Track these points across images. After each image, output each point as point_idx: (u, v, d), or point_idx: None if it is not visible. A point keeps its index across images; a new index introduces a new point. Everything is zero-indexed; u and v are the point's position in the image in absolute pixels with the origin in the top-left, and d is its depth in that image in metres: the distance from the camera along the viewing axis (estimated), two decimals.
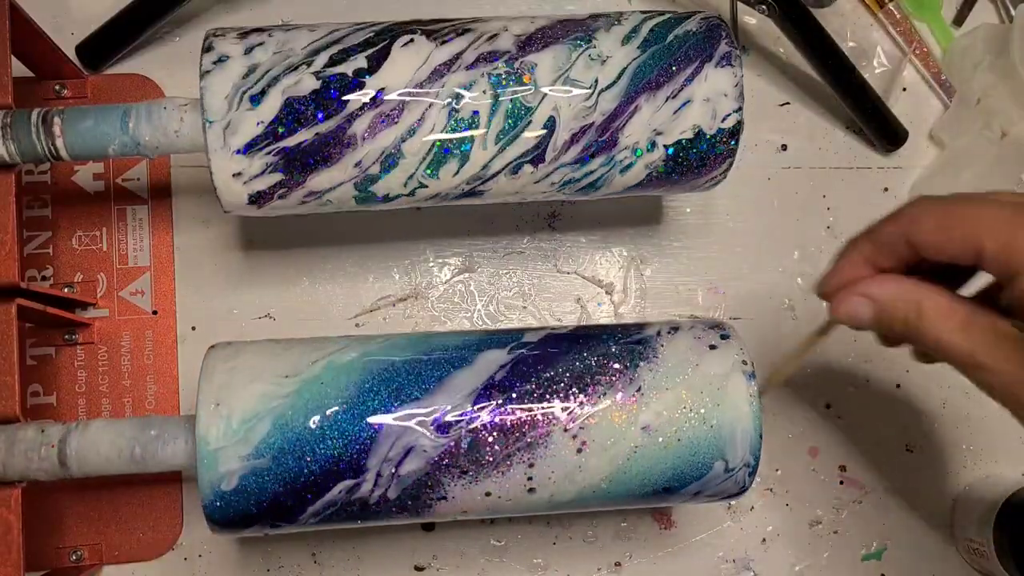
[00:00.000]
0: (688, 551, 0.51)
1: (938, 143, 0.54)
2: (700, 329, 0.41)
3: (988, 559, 0.48)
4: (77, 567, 0.47)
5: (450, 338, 0.41)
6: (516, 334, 0.41)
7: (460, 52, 0.40)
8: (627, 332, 0.41)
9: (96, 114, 0.40)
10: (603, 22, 0.42)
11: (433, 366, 0.39)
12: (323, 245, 0.51)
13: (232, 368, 0.38)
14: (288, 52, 0.39)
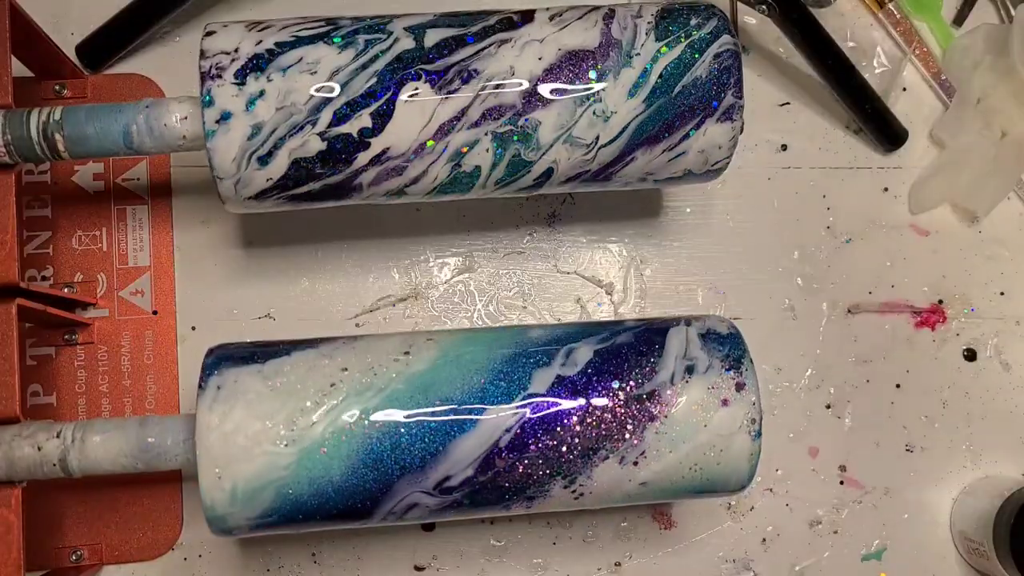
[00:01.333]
0: (688, 551, 0.51)
1: (938, 143, 0.54)
2: (716, 373, 0.40)
3: (988, 559, 0.48)
4: (77, 567, 0.47)
5: (455, 386, 0.39)
6: (524, 380, 0.39)
7: (465, 108, 0.40)
8: (640, 376, 0.40)
9: (95, 113, 0.40)
10: (613, 60, 0.41)
11: (437, 432, 0.39)
12: (323, 245, 0.51)
13: (227, 435, 0.37)
14: (291, 108, 0.39)
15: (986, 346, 0.53)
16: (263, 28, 0.40)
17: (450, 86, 0.40)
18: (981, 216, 0.54)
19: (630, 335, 0.41)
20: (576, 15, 0.42)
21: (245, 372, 0.39)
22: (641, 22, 0.42)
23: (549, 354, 0.40)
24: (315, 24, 0.41)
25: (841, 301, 0.53)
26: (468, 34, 0.40)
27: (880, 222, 0.54)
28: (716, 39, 0.42)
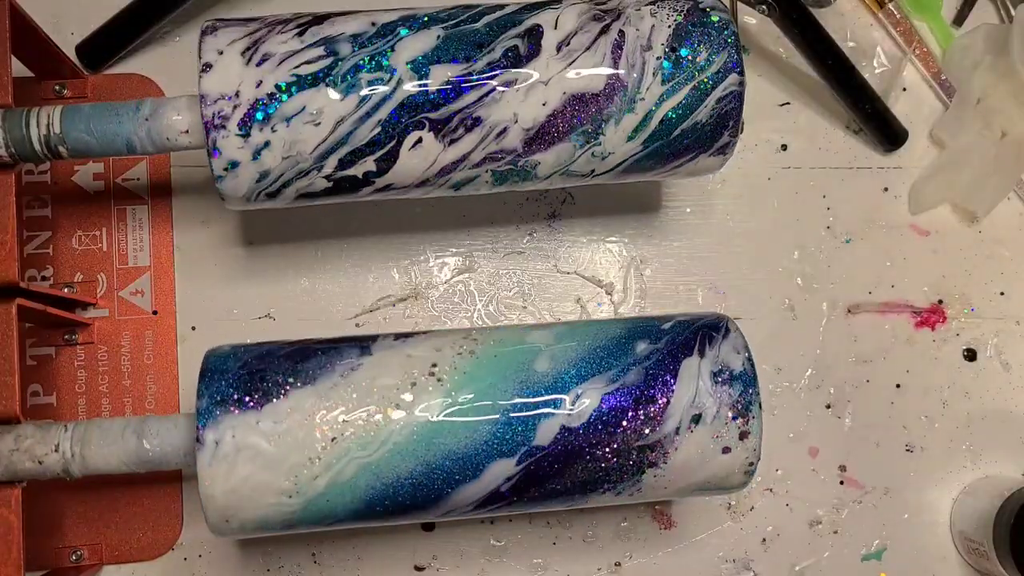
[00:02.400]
0: (688, 551, 0.51)
1: (938, 143, 0.54)
2: (722, 422, 0.40)
3: (988, 559, 0.48)
4: (77, 567, 0.47)
5: (459, 438, 0.39)
6: (529, 433, 0.39)
7: (467, 153, 0.41)
8: (646, 426, 0.40)
9: (95, 113, 0.40)
10: (617, 105, 0.41)
11: (438, 480, 0.39)
12: (323, 245, 0.51)
13: (230, 490, 0.38)
14: (297, 157, 0.40)
15: (986, 346, 0.53)
16: (262, 60, 0.39)
17: (454, 134, 0.40)
18: (981, 216, 0.54)
19: (640, 372, 0.40)
20: (585, 43, 0.41)
21: (242, 424, 0.38)
22: (650, 56, 0.41)
23: (556, 402, 0.39)
24: (314, 50, 0.39)
25: (841, 301, 0.53)
26: (473, 72, 0.40)
27: (880, 222, 0.54)
28: (723, 79, 0.41)
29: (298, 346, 0.40)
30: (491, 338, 0.41)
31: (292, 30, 0.40)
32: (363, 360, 0.39)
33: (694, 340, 0.41)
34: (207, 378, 0.38)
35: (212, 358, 0.40)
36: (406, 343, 0.41)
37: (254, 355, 0.40)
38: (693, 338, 0.41)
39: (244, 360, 0.39)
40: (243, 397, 0.38)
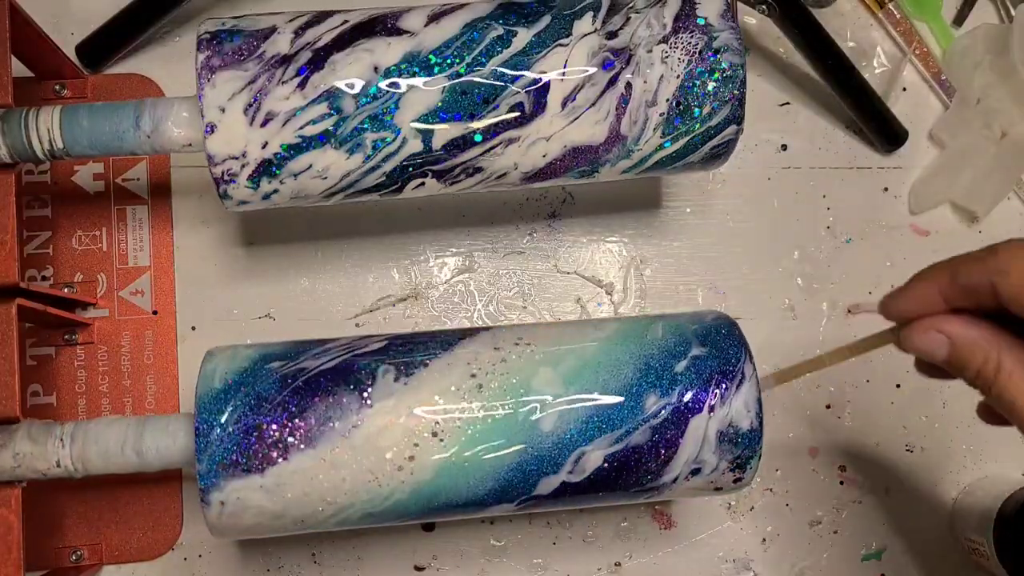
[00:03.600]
0: (688, 551, 0.51)
1: (938, 143, 0.54)
2: (720, 472, 0.40)
3: (988, 559, 0.48)
4: (77, 567, 0.47)
5: (461, 494, 0.39)
6: (529, 487, 0.39)
7: (467, 188, 0.43)
8: (645, 479, 0.40)
9: (95, 114, 0.40)
10: (614, 153, 0.42)
11: (438, 517, 0.41)
12: (323, 245, 0.51)
13: (240, 532, 0.39)
14: (305, 199, 0.42)
15: None
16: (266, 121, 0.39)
17: (455, 178, 0.42)
18: (981, 216, 0.54)
19: (647, 431, 0.39)
20: (591, 98, 0.40)
21: (246, 487, 0.38)
22: (653, 112, 0.41)
23: (557, 462, 0.39)
24: (317, 107, 0.39)
25: (841, 301, 0.53)
26: (477, 131, 0.40)
27: (880, 222, 0.54)
28: (722, 131, 0.42)
29: (292, 378, 0.38)
30: (497, 392, 0.39)
31: (292, 79, 0.39)
32: (363, 415, 0.38)
33: (706, 393, 0.40)
34: (203, 436, 0.37)
35: (204, 406, 0.38)
36: (407, 388, 0.39)
37: (248, 403, 0.38)
38: (705, 390, 0.40)
39: (239, 414, 0.38)
40: (244, 461, 0.37)
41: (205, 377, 0.39)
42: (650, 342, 0.41)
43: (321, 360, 0.39)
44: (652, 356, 0.40)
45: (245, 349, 0.40)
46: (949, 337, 0.34)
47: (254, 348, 0.41)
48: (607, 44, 0.41)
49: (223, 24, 0.40)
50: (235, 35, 0.40)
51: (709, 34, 0.41)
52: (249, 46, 0.39)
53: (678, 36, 0.41)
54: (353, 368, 0.39)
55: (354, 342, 0.41)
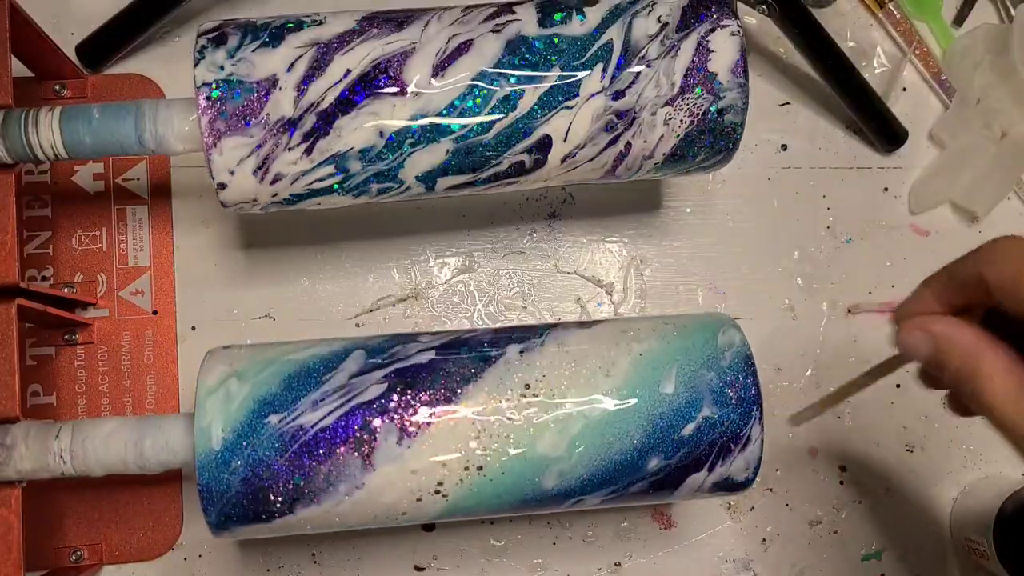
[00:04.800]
0: (688, 551, 0.51)
1: (938, 143, 0.54)
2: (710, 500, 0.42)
3: (988, 559, 0.48)
4: (77, 567, 0.47)
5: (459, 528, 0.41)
6: (524, 517, 0.41)
7: None
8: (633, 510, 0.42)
9: (95, 115, 0.40)
10: (610, 179, 0.44)
11: None
12: (323, 245, 0.51)
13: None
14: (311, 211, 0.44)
15: None
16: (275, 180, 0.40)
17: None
18: (981, 216, 0.54)
19: (645, 485, 0.40)
20: (589, 155, 0.42)
21: (255, 531, 0.39)
22: (649, 162, 0.43)
23: (554, 506, 0.40)
24: (325, 168, 0.40)
25: (841, 301, 0.53)
26: (477, 181, 0.42)
27: (880, 222, 0.54)
28: (714, 166, 0.44)
29: (292, 439, 0.38)
30: (500, 457, 0.39)
31: (299, 145, 0.39)
32: (366, 478, 0.38)
33: (709, 456, 0.40)
34: (208, 496, 0.38)
35: (205, 469, 0.38)
36: (410, 452, 0.38)
37: (250, 466, 0.38)
38: (709, 453, 0.40)
39: (241, 477, 0.38)
40: (251, 514, 0.38)
41: (201, 434, 0.38)
42: (662, 399, 0.40)
43: (319, 413, 0.38)
44: (662, 416, 0.39)
45: (237, 386, 0.39)
46: (932, 335, 0.34)
47: (247, 387, 0.38)
48: (612, 106, 0.41)
49: (220, 69, 0.39)
50: (235, 90, 0.39)
51: (716, 93, 0.41)
52: (251, 106, 0.39)
53: (684, 96, 0.41)
54: (354, 426, 0.38)
55: (352, 381, 0.39)
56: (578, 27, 0.41)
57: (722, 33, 0.41)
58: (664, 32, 0.41)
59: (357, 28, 0.40)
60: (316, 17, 0.41)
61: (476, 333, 0.42)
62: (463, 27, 0.40)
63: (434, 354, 0.40)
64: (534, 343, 0.40)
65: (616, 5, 0.41)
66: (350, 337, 0.42)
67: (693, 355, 0.40)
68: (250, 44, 0.39)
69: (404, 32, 0.40)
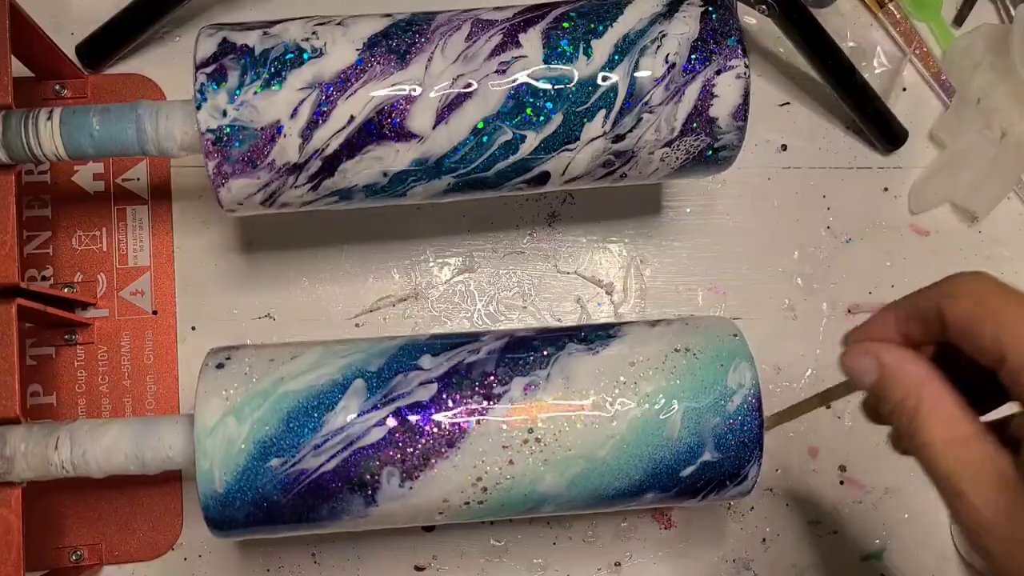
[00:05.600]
0: (688, 551, 0.51)
1: (938, 143, 0.54)
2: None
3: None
4: (77, 567, 0.47)
5: None
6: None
7: None
8: None
9: (94, 116, 0.40)
10: None
11: None
12: (323, 245, 0.51)
13: None
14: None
15: None
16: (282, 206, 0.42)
17: None
18: (981, 216, 0.54)
19: (638, 506, 0.42)
20: (584, 185, 0.44)
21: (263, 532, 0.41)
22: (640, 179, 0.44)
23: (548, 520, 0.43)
24: (329, 199, 0.42)
25: (841, 301, 0.53)
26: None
27: (880, 222, 0.54)
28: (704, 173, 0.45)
29: (295, 481, 0.38)
30: (502, 497, 0.40)
31: (305, 184, 0.40)
32: (370, 513, 0.39)
33: (704, 488, 0.41)
34: (214, 527, 0.39)
35: (211, 510, 0.38)
36: (412, 492, 0.39)
37: (256, 507, 0.38)
38: (704, 487, 0.41)
39: (246, 514, 0.39)
40: (256, 534, 0.40)
41: (204, 476, 0.38)
42: (665, 442, 0.40)
43: (321, 458, 0.38)
44: (663, 459, 0.40)
45: (236, 426, 0.38)
46: (878, 363, 0.33)
47: (245, 427, 0.38)
48: (612, 148, 0.41)
49: (223, 115, 0.38)
50: (240, 135, 0.39)
51: (714, 136, 0.41)
52: (257, 151, 0.39)
53: (683, 138, 0.41)
54: (356, 469, 0.38)
55: (354, 425, 0.38)
56: (584, 66, 0.40)
57: (728, 76, 0.41)
58: (670, 76, 0.40)
59: (359, 63, 0.39)
60: (316, 44, 0.39)
61: (480, 356, 0.40)
62: (467, 66, 0.39)
63: (436, 389, 0.39)
64: (539, 377, 0.39)
65: (625, 36, 0.40)
66: (346, 346, 0.41)
67: (701, 397, 0.40)
68: (251, 85, 0.39)
69: (407, 71, 0.39)
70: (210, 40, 0.40)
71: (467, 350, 0.40)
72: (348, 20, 0.41)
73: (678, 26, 0.40)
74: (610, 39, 0.40)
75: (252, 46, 0.39)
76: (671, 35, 0.40)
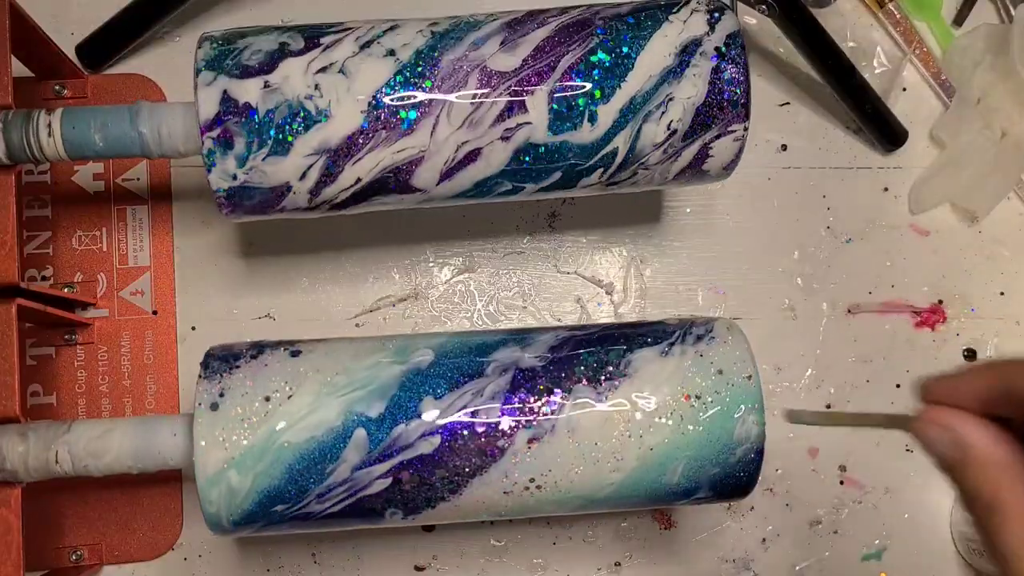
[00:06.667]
0: (688, 551, 0.51)
1: (938, 143, 0.54)
2: None
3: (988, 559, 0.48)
4: (77, 567, 0.47)
5: None
6: None
7: None
8: None
9: (95, 117, 0.40)
10: None
11: None
12: (323, 245, 0.51)
13: None
14: None
15: (986, 346, 0.53)
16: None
17: None
18: (981, 216, 0.54)
19: None
20: None
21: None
22: None
23: None
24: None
25: (841, 301, 0.53)
26: None
27: (880, 222, 0.54)
28: None
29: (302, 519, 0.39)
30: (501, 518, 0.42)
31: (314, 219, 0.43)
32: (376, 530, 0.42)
33: (696, 502, 0.42)
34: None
35: (218, 532, 0.39)
36: (415, 519, 0.40)
37: (259, 528, 0.39)
38: (696, 502, 0.42)
39: (255, 532, 0.40)
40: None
41: (211, 517, 0.39)
42: (662, 486, 0.40)
43: (326, 504, 0.39)
44: (658, 495, 0.41)
45: (238, 479, 0.38)
46: (967, 446, 0.29)
47: (248, 479, 0.38)
48: (607, 190, 0.43)
49: (233, 178, 0.39)
50: (250, 193, 0.40)
51: (702, 180, 0.44)
52: (267, 203, 0.41)
53: (674, 181, 0.43)
54: (361, 511, 0.39)
55: (357, 476, 0.38)
56: (587, 132, 0.40)
57: (727, 139, 0.41)
58: (670, 141, 0.41)
59: (364, 126, 0.39)
60: (320, 104, 0.39)
61: (484, 401, 0.39)
62: (472, 132, 0.39)
63: (438, 442, 0.38)
64: (543, 428, 0.39)
65: (632, 99, 0.40)
66: (344, 376, 0.39)
67: (704, 450, 0.39)
68: (258, 152, 0.39)
69: (413, 136, 0.39)
70: (210, 91, 0.38)
71: (471, 392, 0.39)
72: (348, 64, 0.39)
73: (686, 88, 0.40)
74: (617, 103, 0.40)
75: (255, 105, 0.38)
76: (677, 99, 0.40)
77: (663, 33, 0.40)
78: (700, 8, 0.41)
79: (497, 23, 0.41)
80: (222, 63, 0.39)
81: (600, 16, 0.41)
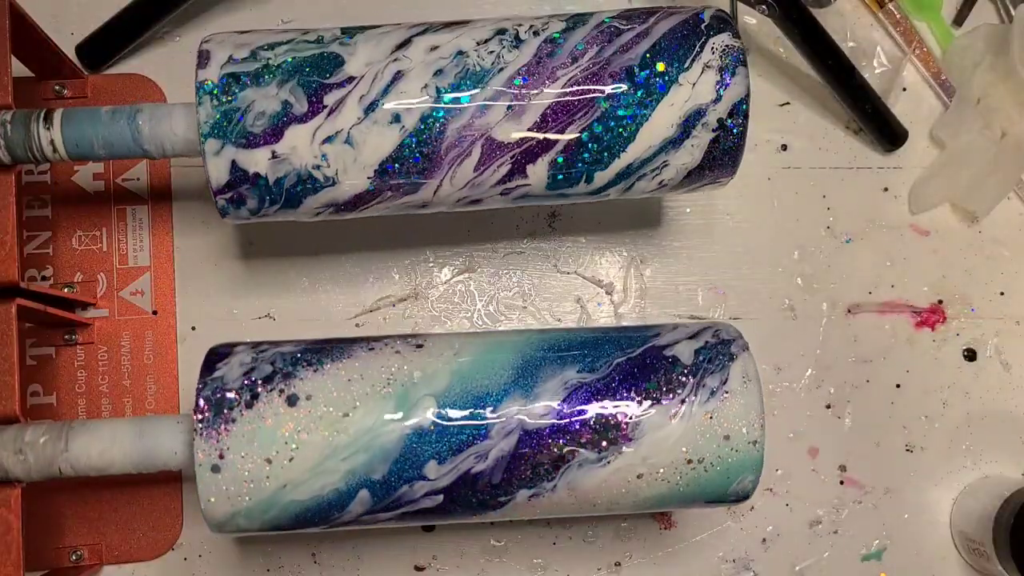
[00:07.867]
0: (688, 551, 0.51)
1: (938, 143, 0.54)
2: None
3: (988, 559, 0.48)
4: (77, 567, 0.47)
5: None
6: None
7: None
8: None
9: (95, 118, 0.40)
10: None
11: None
12: (323, 246, 0.51)
13: None
14: None
15: (986, 346, 0.53)
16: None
17: None
18: (981, 216, 0.54)
19: None
20: None
21: None
22: None
23: None
24: None
25: (841, 301, 0.53)
26: None
27: (880, 222, 0.54)
28: None
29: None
30: None
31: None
32: None
33: None
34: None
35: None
36: None
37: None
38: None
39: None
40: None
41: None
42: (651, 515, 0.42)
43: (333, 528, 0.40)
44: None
45: (247, 523, 0.39)
46: None
47: (256, 523, 0.39)
48: None
49: (246, 219, 0.41)
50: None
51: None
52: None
53: None
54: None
55: (364, 519, 0.39)
56: (583, 188, 0.41)
57: (707, 188, 0.44)
58: (660, 188, 0.42)
59: (371, 189, 0.40)
60: (327, 172, 0.39)
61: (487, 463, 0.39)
62: (473, 191, 0.41)
63: (441, 500, 0.39)
64: (544, 488, 0.39)
65: (629, 165, 0.41)
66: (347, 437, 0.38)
67: (697, 499, 0.40)
68: (270, 207, 0.41)
69: (418, 195, 0.41)
70: (219, 161, 0.39)
71: (474, 456, 0.38)
72: (354, 133, 0.39)
73: (683, 156, 0.41)
74: (614, 170, 0.41)
75: (264, 174, 0.39)
76: (672, 165, 0.41)
77: (669, 101, 0.40)
78: (713, 64, 0.40)
79: (505, 74, 0.40)
80: (226, 131, 0.39)
81: (610, 70, 0.40)
